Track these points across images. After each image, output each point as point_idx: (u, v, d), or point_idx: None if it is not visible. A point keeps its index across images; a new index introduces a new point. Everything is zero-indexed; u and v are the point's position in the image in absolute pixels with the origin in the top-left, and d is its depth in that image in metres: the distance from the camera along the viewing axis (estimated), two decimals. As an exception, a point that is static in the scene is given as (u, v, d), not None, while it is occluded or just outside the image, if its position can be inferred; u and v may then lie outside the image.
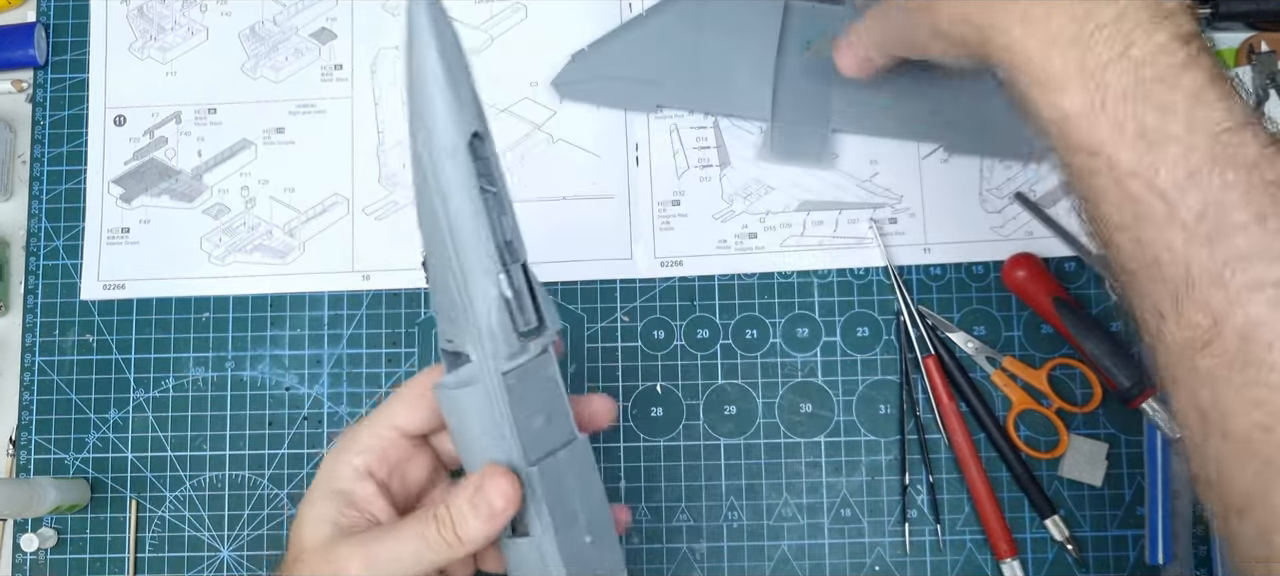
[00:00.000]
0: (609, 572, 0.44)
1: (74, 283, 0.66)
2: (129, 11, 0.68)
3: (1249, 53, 0.65)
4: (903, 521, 0.61)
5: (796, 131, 0.64)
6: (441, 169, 0.38)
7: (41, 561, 0.63)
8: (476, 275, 0.40)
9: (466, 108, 0.38)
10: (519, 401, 0.41)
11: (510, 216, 0.41)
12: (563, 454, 0.42)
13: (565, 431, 0.43)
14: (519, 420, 0.41)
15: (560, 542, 0.42)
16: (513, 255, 0.41)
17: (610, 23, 0.66)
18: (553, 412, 0.42)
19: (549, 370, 0.42)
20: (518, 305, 0.41)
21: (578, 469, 0.43)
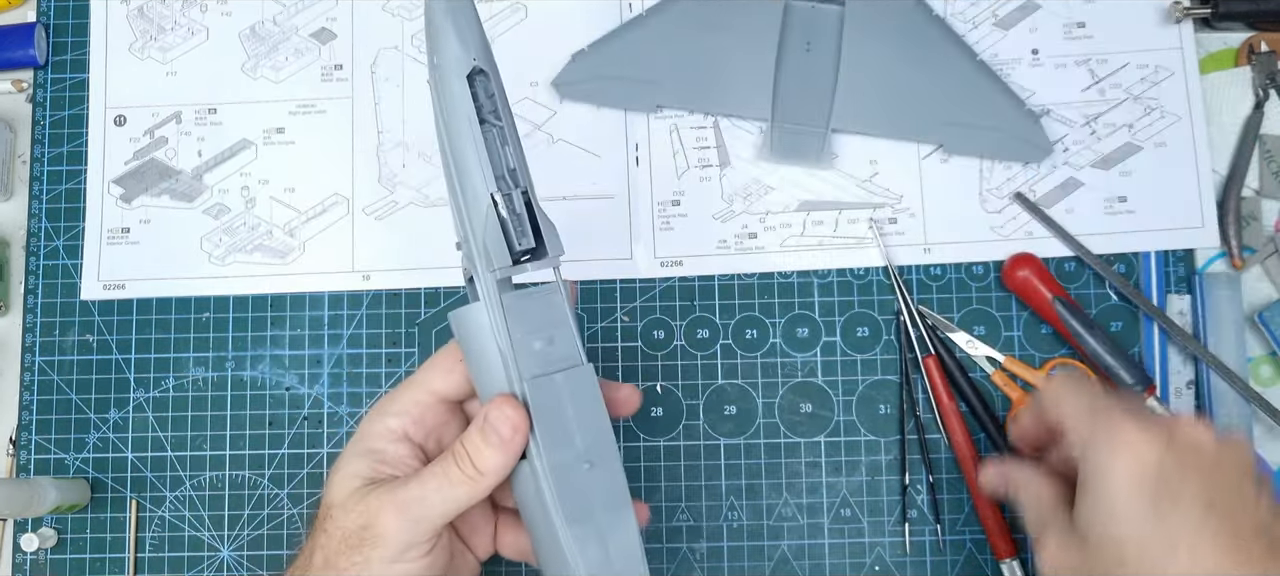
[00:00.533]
0: (609, 502, 0.43)
1: (74, 283, 0.66)
2: (129, 11, 0.68)
3: (1249, 53, 0.65)
4: (903, 521, 0.61)
5: (796, 131, 0.64)
6: (442, 93, 0.43)
7: (41, 561, 0.63)
8: (474, 191, 0.42)
9: (470, 46, 0.43)
10: (516, 318, 0.42)
11: (514, 149, 0.44)
12: (561, 376, 0.43)
13: (569, 357, 0.43)
14: (515, 337, 0.42)
15: (552, 464, 0.42)
16: (514, 181, 0.43)
17: (610, 23, 0.66)
18: (556, 337, 0.43)
19: (554, 298, 0.44)
20: (516, 226, 0.43)
21: (579, 394, 0.43)
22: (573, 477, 0.42)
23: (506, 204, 0.43)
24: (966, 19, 0.66)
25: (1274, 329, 0.60)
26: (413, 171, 0.66)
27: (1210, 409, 0.60)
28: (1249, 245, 0.62)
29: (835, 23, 0.64)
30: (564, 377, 0.43)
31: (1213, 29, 0.65)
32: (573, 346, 0.44)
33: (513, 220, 0.43)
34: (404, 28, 0.67)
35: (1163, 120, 0.64)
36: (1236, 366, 0.60)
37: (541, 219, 0.44)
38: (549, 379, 0.42)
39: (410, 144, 0.66)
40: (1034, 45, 0.65)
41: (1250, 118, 0.64)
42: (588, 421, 0.43)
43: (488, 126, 0.43)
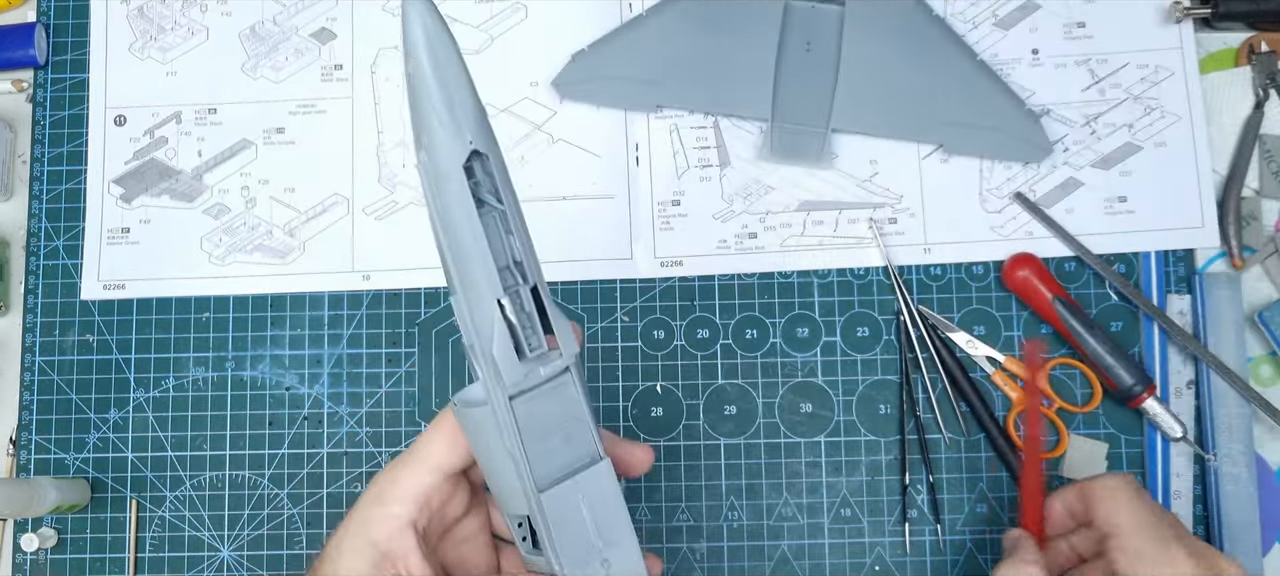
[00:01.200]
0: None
1: (74, 282, 0.66)
2: (129, 11, 0.68)
3: (1249, 53, 0.65)
4: (903, 521, 0.61)
5: (796, 131, 0.64)
6: (439, 190, 0.38)
7: (41, 561, 0.63)
8: (477, 293, 0.38)
9: (465, 126, 0.37)
10: (528, 427, 0.40)
11: (519, 234, 0.40)
12: (577, 479, 0.41)
13: (586, 452, 0.41)
14: (529, 445, 0.40)
15: (571, 568, 0.41)
16: (521, 276, 0.39)
17: (610, 23, 0.66)
18: (572, 433, 0.41)
19: (567, 391, 0.41)
20: (526, 329, 0.39)
21: (595, 493, 0.41)
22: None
23: (514, 304, 0.39)
24: (966, 19, 0.66)
25: (1274, 329, 0.60)
26: (413, 171, 0.66)
27: (1210, 409, 0.60)
28: (1249, 245, 0.62)
29: (835, 23, 0.64)
30: (579, 480, 0.41)
31: (1213, 29, 0.65)
32: (588, 440, 0.41)
33: (522, 321, 0.39)
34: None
35: (1163, 120, 0.64)
36: (1236, 366, 0.60)
37: (552, 311, 0.40)
38: (564, 485, 0.40)
39: (410, 144, 0.66)
40: (1034, 45, 0.65)
41: (1250, 117, 0.64)
42: (605, 517, 0.41)
43: (488, 211, 0.39)
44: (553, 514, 0.40)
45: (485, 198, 0.39)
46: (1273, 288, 0.62)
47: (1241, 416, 0.59)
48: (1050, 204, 0.63)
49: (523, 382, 0.39)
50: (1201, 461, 0.60)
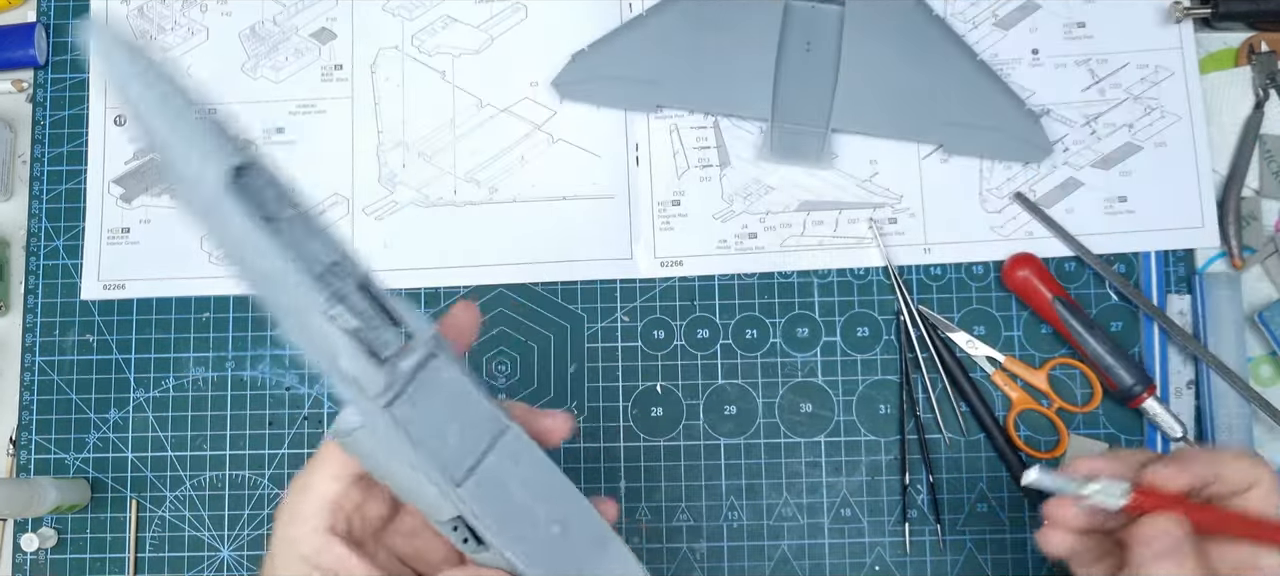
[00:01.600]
0: (593, 545, 0.39)
1: (74, 282, 0.66)
2: (129, 11, 0.68)
3: (1249, 53, 0.65)
4: (903, 521, 0.61)
5: (796, 131, 0.64)
6: (214, 223, 0.34)
7: (41, 561, 0.63)
8: (306, 319, 0.35)
9: (212, 144, 0.33)
10: (418, 428, 0.37)
11: (326, 234, 0.35)
12: (492, 458, 0.38)
13: (490, 428, 0.38)
14: (427, 446, 0.37)
15: (525, 552, 0.38)
16: (342, 277, 0.35)
17: (610, 23, 0.66)
18: (466, 415, 0.38)
19: (443, 375, 0.37)
20: (371, 330, 0.36)
21: (519, 462, 0.38)
22: (550, 550, 0.39)
23: (348, 309, 0.35)
24: (966, 19, 0.66)
25: (1274, 328, 0.60)
26: (413, 171, 0.66)
27: (1210, 409, 0.60)
28: (1249, 245, 0.62)
29: (835, 23, 0.64)
30: (494, 458, 0.38)
31: (1213, 29, 0.65)
32: (487, 415, 0.38)
33: (364, 323, 0.35)
34: (404, 28, 0.67)
35: (1163, 120, 0.64)
36: (1236, 366, 0.60)
37: (388, 300, 0.36)
38: (481, 469, 0.38)
39: (410, 144, 0.66)
40: (1034, 45, 0.65)
41: (1250, 117, 0.64)
42: (538, 483, 0.39)
43: (280, 223, 0.34)
44: (481, 503, 0.38)
45: (271, 209, 0.34)
46: (1273, 287, 0.62)
47: (1241, 416, 0.59)
48: (1050, 204, 0.63)
49: (392, 386, 0.36)
50: (1201, 461, 0.60)
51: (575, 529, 0.39)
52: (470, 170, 0.66)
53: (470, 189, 0.65)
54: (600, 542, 0.40)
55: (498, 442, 0.38)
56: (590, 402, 0.63)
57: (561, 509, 0.39)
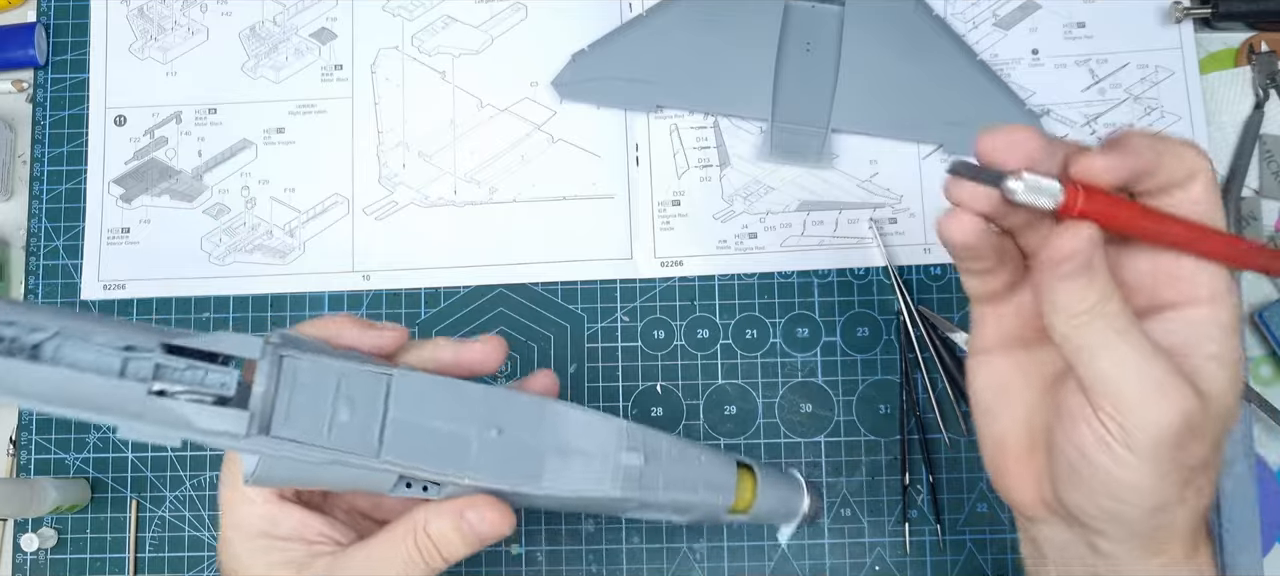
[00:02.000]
0: (536, 420, 0.39)
1: (74, 283, 0.66)
2: (129, 11, 0.68)
3: (1249, 53, 0.65)
4: (903, 521, 0.61)
5: (796, 131, 0.64)
6: None
7: (41, 561, 0.63)
8: (136, 414, 0.33)
9: None
10: (306, 430, 0.36)
11: (102, 326, 0.33)
12: (395, 408, 0.37)
13: (377, 384, 0.37)
14: (324, 441, 0.36)
15: (473, 468, 0.38)
16: (143, 354, 0.34)
17: (610, 23, 0.66)
18: (346, 386, 0.36)
19: (303, 366, 0.36)
20: (204, 383, 0.34)
21: (424, 398, 0.37)
22: (500, 454, 0.38)
23: (169, 381, 0.34)
24: (966, 19, 0.66)
25: (1274, 328, 0.60)
26: (413, 171, 0.66)
27: (1210, 409, 0.60)
28: (1249, 245, 0.62)
29: (835, 23, 0.64)
30: (398, 408, 0.37)
31: (1213, 29, 0.65)
32: (365, 371, 0.37)
33: (193, 380, 0.34)
34: (404, 28, 0.67)
35: (1163, 120, 0.64)
36: (1236, 366, 0.60)
37: (202, 343, 0.34)
38: (390, 426, 0.37)
39: (410, 144, 0.66)
40: (1034, 45, 0.65)
41: (1250, 118, 0.64)
42: (454, 405, 0.38)
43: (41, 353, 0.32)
44: (409, 454, 0.37)
45: (24, 342, 0.32)
46: (1273, 287, 0.62)
47: (1242, 416, 0.59)
48: (1050, 204, 0.63)
49: (257, 414, 0.35)
50: (1201, 461, 0.60)
51: (512, 422, 0.39)
52: (470, 170, 0.66)
53: (470, 189, 0.65)
54: (541, 416, 0.39)
55: (391, 394, 0.37)
56: (590, 402, 0.63)
57: (490, 414, 0.38)
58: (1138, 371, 0.33)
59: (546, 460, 0.39)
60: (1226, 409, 0.35)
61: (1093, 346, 0.33)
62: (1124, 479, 0.34)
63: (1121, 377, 0.33)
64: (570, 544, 0.62)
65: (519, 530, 0.61)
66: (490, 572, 0.61)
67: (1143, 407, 0.33)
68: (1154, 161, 0.34)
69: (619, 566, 0.61)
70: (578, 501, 0.40)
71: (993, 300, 0.39)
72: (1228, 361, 0.35)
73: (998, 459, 0.40)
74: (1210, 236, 0.34)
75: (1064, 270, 0.33)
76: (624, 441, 0.40)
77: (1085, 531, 0.37)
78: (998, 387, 0.39)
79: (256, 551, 0.40)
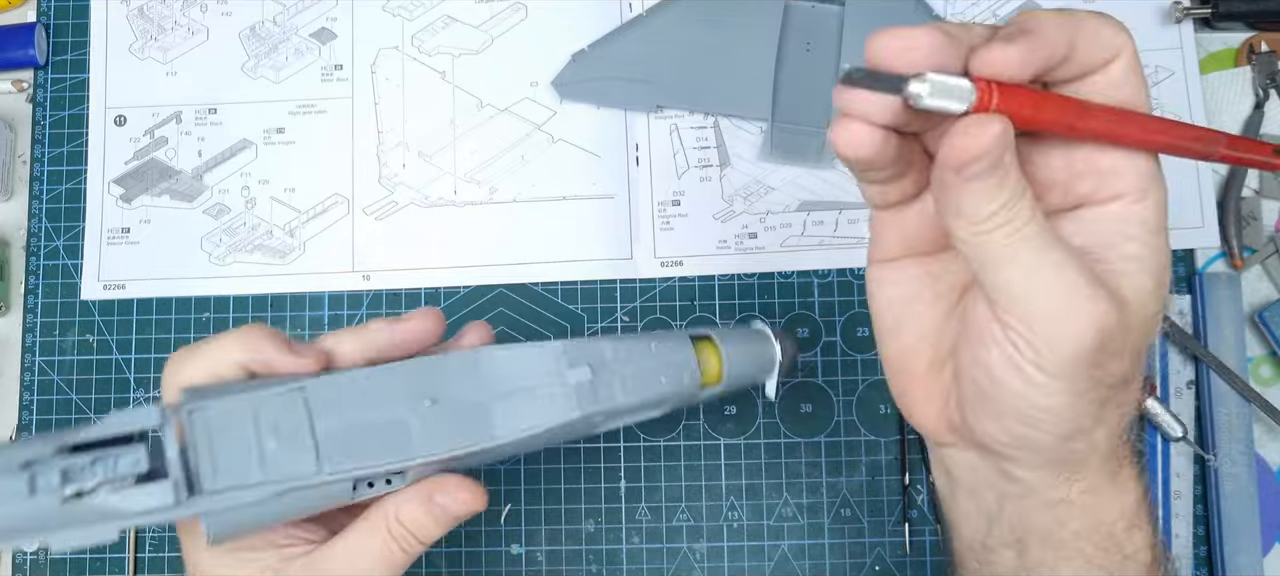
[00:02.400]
0: (468, 373, 0.38)
1: (74, 282, 0.66)
2: (129, 11, 0.68)
3: (1249, 53, 0.65)
4: (903, 521, 0.61)
5: (796, 131, 0.64)
6: None
7: (41, 561, 0.63)
8: (58, 522, 0.34)
9: None
10: (236, 474, 0.35)
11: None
12: (320, 419, 0.36)
13: (292, 403, 0.36)
14: (261, 480, 0.35)
15: (423, 446, 0.37)
16: (45, 464, 0.33)
17: (610, 23, 0.66)
18: (267, 420, 0.35)
19: (213, 415, 0.35)
20: (117, 470, 0.33)
21: (343, 396, 0.37)
22: (444, 423, 0.37)
23: (80, 481, 0.33)
24: (966, 19, 0.66)
25: (1274, 328, 0.60)
26: (413, 171, 0.66)
27: (1210, 409, 0.60)
28: (1249, 245, 0.62)
29: (835, 23, 0.64)
30: (325, 418, 0.36)
31: (1213, 29, 0.65)
32: (278, 398, 0.36)
33: (105, 470, 0.34)
34: (404, 28, 0.67)
35: (1163, 120, 0.64)
36: (1236, 366, 0.60)
37: (102, 432, 0.34)
38: (321, 439, 0.36)
39: (410, 144, 0.66)
40: (1034, 45, 0.65)
41: (1250, 118, 0.64)
42: (380, 392, 0.37)
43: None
44: (353, 458, 0.36)
45: None
46: (1273, 287, 0.62)
47: (1241, 416, 0.59)
48: (1050, 204, 0.63)
49: (180, 481, 0.34)
50: (1202, 461, 0.60)
51: (446, 386, 0.38)
52: (470, 170, 0.66)
53: (470, 189, 0.65)
54: (475, 369, 0.38)
55: (310, 406, 0.36)
56: (590, 402, 0.63)
57: (421, 386, 0.37)
58: (1049, 281, 0.29)
59: (493, 410, 0.38)
60: (1148, 317, 0.31)
61: (999, 254, 0.29)
62: (1036, 401, 0.31)
63: (1031, 288, 0.29)
64: (570, 544, 0.62)
65: (519, 530, 0.62)
66: (490, 572, 0.61)
67: (1054, 321, 0.29)
68: (1067, 45, 0.30)
69: (619, 566, 0.61)
70: (544, 436, 0.38)
71: (895, 206, 0.34)
72: (1151, 264, 0.31)
73: (901, 379, 0.37)
74: (1136, 122, 0.30)
75: (970, 172, 0.28)
76: (565, 361, 0.39)
77: (997, 458, 0.34)
78: (900, 301, 0.36)
79: (227, 566, 0.38)
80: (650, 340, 0.41)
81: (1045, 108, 0.29)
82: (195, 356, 0.37)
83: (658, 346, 0.41)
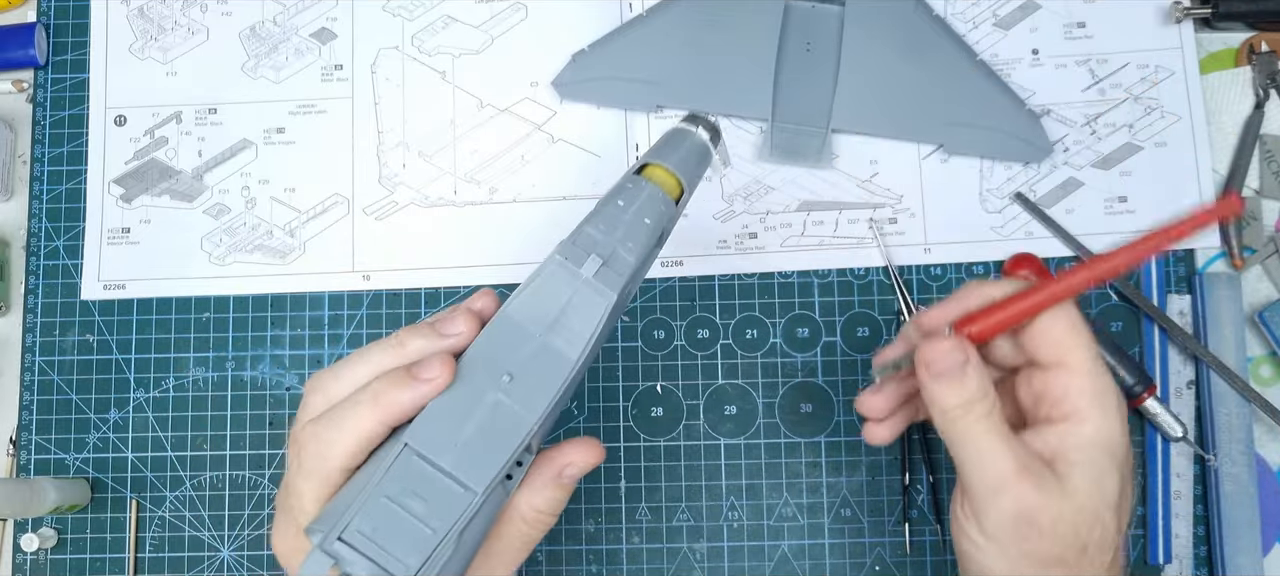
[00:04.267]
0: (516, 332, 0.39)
1: (74, 282, 0.66)
2: (129, 11, 0.68)
3: (1249, 53, 0.65)
4: (903, 521, 0.61)
5: (796, 131, 0.64)
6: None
7: (41, 561, 0.63)
8: None
9: None
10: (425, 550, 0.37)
11: None
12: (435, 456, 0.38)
13: (410, 464, 0.38)
14: (442, 529, 0.37)
15: (525, 419, 0.38)
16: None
17: (610, 23, 0.66)
18: (399, 489, 0.37)
19: (361, 524, 0.37)
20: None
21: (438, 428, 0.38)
22: (528, 392, 0.39)
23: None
24: (966, 19, 0.66)
25: (1274, 328, 0.60)
26: (413, 171, 0.66)
27: (1210, 408, 0.60)
28: (1249, 245, 0.62)
29: (835, 23, 0.64)
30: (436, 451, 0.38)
31: (1213, 29, 0.65)
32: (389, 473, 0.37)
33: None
34: (404, 28, 0.67)
35: (1163, 120, 0.64)
36: (1237, 366, 0.60)
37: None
38: (454, 470, 0.37)
39: (410, 144, 0.66)
40: (1034, 45, 0.65)
41: (1250, 118, 0.64)
42: (461, 405, 0.38)
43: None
44: (486, 467, 0.38)
45: None
46: (1273, 287, 0.62)
47: (1242, 416, 0.59)
48: (1050, 204, 0.63)
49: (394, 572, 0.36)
50: (1202, 462, 0.60)
51: (507, 356, 0.39)
52: (470, 170, 0.66)
53: (470, 189, 0.65)
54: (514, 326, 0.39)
55: (424, 452, 0.37)
56: (590, 402, 0.63)
57: (488, 370, 0.39)
58: (988, 463, 0.39)
59: (553, 343, 0.39)
60: (1090, 512, 0.39)
61: (958, 438, 0.40)
62: (980, 560, 0.40)
63: (975, 466, 0.39)
64: (570, 544, 0.62)
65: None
66: (490, 572, 0.61)
67: (986, 495, 0.39)
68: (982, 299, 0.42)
69: (619, 566, 0.61)
70: (603, 332, 0.40)
71: None
72: (1090, 471, 0.39)
73: None
74: (1044, 291, 0.40)
75: (934, 371, 0.40)
76: (573, 266, 0.40)
77: None
78: None
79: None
80: (615, 198, 0.43)
81: (989, 316, 0.41)
82: (336, 377, 0.41)
83: (624, 200, 0.42)
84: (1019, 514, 0.39)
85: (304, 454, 0.39)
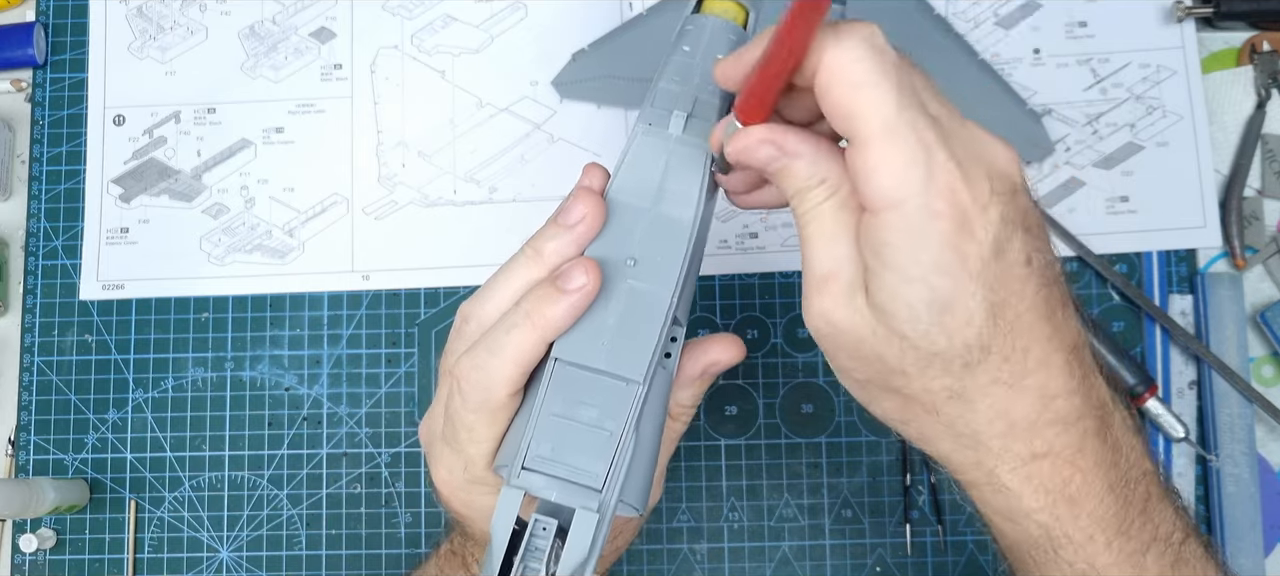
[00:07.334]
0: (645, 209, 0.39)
1: (73, 283, 0.65)
2: (128, 11, 0.68)
3: (1251, 52, 0.64)
4: (904, 522, 0.61)
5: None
6: None
7: (41, 561, 0.63)
8: None
9: None
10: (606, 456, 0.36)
11: None
12: (586, 356, 0.38)
13: (567, 373, 0.38)
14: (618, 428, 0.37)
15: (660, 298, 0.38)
16: None
17: (610, 23, 0.66)
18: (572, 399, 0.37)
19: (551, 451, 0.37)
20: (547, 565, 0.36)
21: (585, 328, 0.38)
22: (655, 269, 0.38)
23: None
24: (968, 18, 0.66)
25: (1276, 328, 0.60)
26: (413, 171, 0.66)
27: (1212, 409, 0.60)
28: (1251, 245, 0.62)
29: (836, 22, 0.64)
30: (593, 353, 0.37)
31: (1215, 28, 0.65)
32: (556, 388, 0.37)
33: None
34: (404, 27, 0.67)
35: (1165, 120, 0.64)
36: (1238, 366, 0.60)
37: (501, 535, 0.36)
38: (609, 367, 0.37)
39: (410, 144, 0.66)
40: (1035, 44, 0.65)
41: (1252, 117, 0.64)
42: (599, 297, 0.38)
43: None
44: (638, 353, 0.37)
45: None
46: (1275, 287, 0.62)
47: (1243, 417, 0.59)
48: (1052, 204, 0.63)
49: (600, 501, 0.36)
50: (1203, 462, 0.60)
51: (625, 242, 0.39)
52: (470, 170, 0.65)
53: (470, 189, 0.65)
54: (620, 206, 0.39)
55: (575, 358, 0.37)
56: (590, 403, 0.63)
57: (613, 263, 0.38)
58: (809, 260, 0.36)
59: (667, 212, 0.39)
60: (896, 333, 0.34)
61: (799, 219, 0.36)
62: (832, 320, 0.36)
63: (804, 264, 0.36)
64: (570, 544, 0.62)
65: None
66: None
67: (804, 300, 0.36)
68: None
69: (619, 566, 0.61)
70: (710, 183, 0.40)
71: None
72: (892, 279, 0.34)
73: None
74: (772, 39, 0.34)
75: (750, 163, 0.36)
76: (662, 128, 0.40)
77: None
78: None
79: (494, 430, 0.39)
80: (680, 44, 0.41)
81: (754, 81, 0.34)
82: (483, 302, 0.40)
83: (690, 45, 0.41)
84: (819, 329, 0.36)
85: (465, 386, 0.39)
